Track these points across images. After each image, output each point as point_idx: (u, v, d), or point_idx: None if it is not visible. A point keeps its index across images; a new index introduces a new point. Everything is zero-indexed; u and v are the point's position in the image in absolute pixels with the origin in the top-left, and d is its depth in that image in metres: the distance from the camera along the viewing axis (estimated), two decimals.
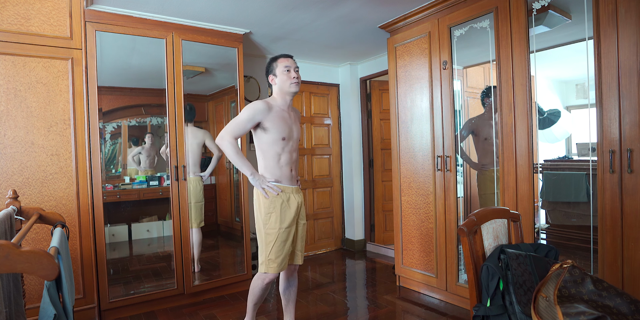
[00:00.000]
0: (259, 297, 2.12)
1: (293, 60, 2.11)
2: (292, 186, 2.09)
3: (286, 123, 2.06)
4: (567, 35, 2.06)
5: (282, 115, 2.06)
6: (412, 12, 2.72)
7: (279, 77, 2.07)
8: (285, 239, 2.03)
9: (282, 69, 2.06)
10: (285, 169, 2.07)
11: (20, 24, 2.23)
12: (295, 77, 2.06)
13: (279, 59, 2.10)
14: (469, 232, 1.38)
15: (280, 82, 2.07)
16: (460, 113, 2.58)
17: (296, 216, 2.08)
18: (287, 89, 2.06)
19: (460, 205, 2.59)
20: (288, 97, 2.10)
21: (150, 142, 2.88)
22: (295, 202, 2.07)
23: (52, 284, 1.04)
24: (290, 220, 2.04)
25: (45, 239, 2.28)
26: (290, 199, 2.07)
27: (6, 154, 2.21)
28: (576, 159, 2.17)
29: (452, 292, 2.63)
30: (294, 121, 2.13)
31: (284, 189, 2.06)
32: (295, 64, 2.10)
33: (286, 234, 2.04)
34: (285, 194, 2.06)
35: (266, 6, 2.57)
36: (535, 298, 1.23)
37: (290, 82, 2.05)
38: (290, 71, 2.06)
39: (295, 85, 2.06)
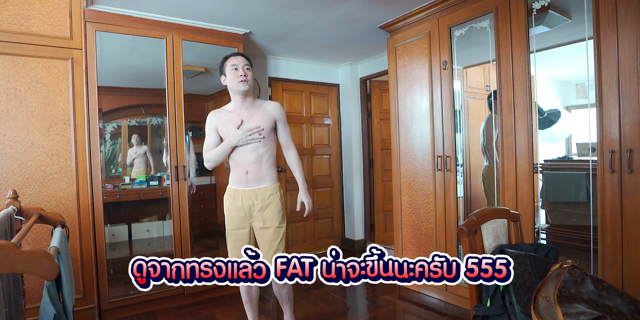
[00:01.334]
0: (243, 296, 2.13)
1: (243, 58, 2.01)
2: (242, 188, 2.01)
3: (232, 125, 1.98)
4: (567, 35, 2.06)
5: (229, 119, 2.01)
6: (412, 12, 2.72)
7: (228, 76, 2.00)
8: (234, 240, 2.04)
9: (230, 67, 1.98)
10: (238, 172, 2.02)
11: (20, 24, 2.23)
12: (242, 75, 1.95)
13: (228, 58, 2.02)
14: (469, 232, 1.38)
15: (229, 82, 2.00)
16: (460, 113, 2.58)
17: (247, 219, 2.02)
18: (235, 87, 1.97)
19: (460, 205, 2.59)
20: (238, 96, 2.02)
21: (136, 143, 2.87)
22: (240, 206, 2.00)
23: (52, 284, 1.04)
24: (237, 223, 2.02)
25: (45, 239, 2.28)
26: (237, 202, 2.01)
27: (6, 154, 2.21)
28: (576, 159, 2.17)
29: (452, 292, 2.63)
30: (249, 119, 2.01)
31: (234, 192, 2.03)
32: (244, 62, 2.00)
33: (233, 236, 2.04)
34: (232, 196, 2.03)
35: (266, 6, 2.57)
36: (535, 298, 1.23)
37: (238, 80, 1.96)
38: (237, 69, 1.97)
39: (243, 83, 1.95)
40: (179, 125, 2.72)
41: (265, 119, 2.03)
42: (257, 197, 2.01)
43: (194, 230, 2.83)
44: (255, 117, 2.02)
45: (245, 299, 2.13)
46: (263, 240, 2.03)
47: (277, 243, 2.03)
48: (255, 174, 2.01)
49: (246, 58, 2.03)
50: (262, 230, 2.02)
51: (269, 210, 2.01)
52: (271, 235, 2.02)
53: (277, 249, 2.02)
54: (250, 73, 1.99)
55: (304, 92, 4.11)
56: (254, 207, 2.01)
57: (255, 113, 2.03)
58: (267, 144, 2.03)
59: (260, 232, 2.03)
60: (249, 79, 1.97)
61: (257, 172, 2.01)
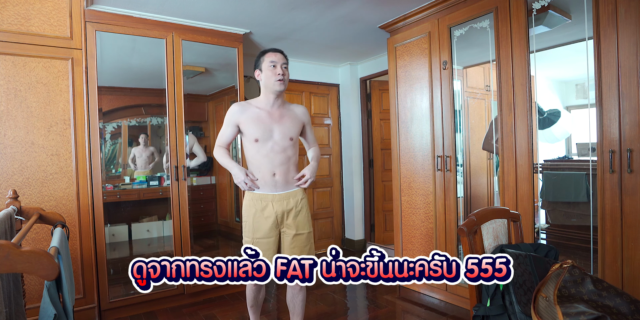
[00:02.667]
0: (249, 300, 2.06)
1: (282, 56, 1.91)
2: (272, 193, 1.89)
3: (262, 123, 1.88)
4: (567, 35, 2.06)
5: (257, 115, 1.90)
6: (412, 12, 2.72)
7: (264, 72, 1.89)
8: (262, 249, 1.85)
9: (268, 64, 1.87)
10: (264, 173, 1.88)
11: (20, 24, 2.23)
12: (280, 74, 1.85)
13: (267, 53, 1.90)
14: (469, 232, 1.38)
15: (265, 78, 1.89)
16: (460, 113, 2.58)
17: (278, 226, 1.91)
18: (270, 86, 1.88)
19: (460, 205, 2.59)
20: (271, 95, 1.92)
21: (143, 143, 2.88)
22: (272, 212, 1.88)
23: (52, 284, 1.04)
24: (266, 231, 1.89)
25: (46, 239, 2.28)
26: (267, 208, 1.88)
27: (6, 154, 2.21)
28: (576, 159, 2.17)
29: (452, 292, 2.63)
30: (279, 121, 1.92)
31: (261, 198, 1.88)
32: (284, 60, 1.90)
33: (260, 245, 1.90)
34: (261, 202, 1.89)
35: (266, 6, 2.57)
36: (535, 298, 1.23)
37: (275, 78, 1.85)
38: (276, 67, 1.86)
39: (280, 83, 1.86)
40: (179, 125, 2.72)
41: (295, 123, 1.98)
42: (290, 202, 1.91)
43: (194, 230, 2.83)
44: (285, 118, 1.94)
45: (252, 303, 2.07)
46: (296, 247, 1.93)
47: (308, 249, 1.95)
48: (284, 177, 1.90)
49: (285, 56, 1.93)
50: (296, 236, 1.93)
51: (301, 215, 1.93)
52: (304, 241, 1.94)
53: (309, 254, 1.92)
54: (287, 72, 1.90)
55: (304, 92, 4.11)
56: (287, 213, 1.90)
57: (285, 114, 1.95)
58: (295, 146, 1.98)
59: (294, 239, 1.93)
60: (286, 78, 1.88)
61: (285, 174, 1.91)
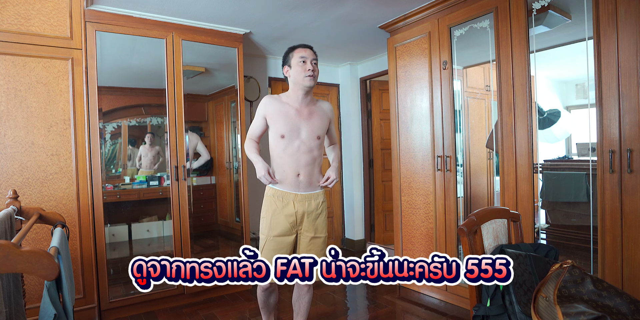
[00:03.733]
0: (260, 302, 2.03)
1: (312, 51, 1.90)
2: (294, 192, 1.86)
3: (290, 119, 1.86)
4: (567, 35, 2.06)
5: (285, 111, 1.88)
6: (412, 12, 2.72)
7: (294, 68, 1.87)
8: (274, 248, 1.86)
9: (298, 59, 1.86)
10: (289, 174, 1.86)
11: (20, 24, 2.23)
12: (310, 70, 1.84)
13: (296, 48, 1.90)
14: (469, 232, 1.38)
15: (294, 75, 1.88)
16: (460, 113, 2.58)
17: (296, 226, 1.88)
18: (300, 82, 1.86)
19: (460, 205, 2.59)
20: (300, 91, 1.89)
21: (149, 142, 2.88)
22: (292, 211, 1.85)
23: (52, 284, 1.04)
24: (282, 230, 1.86)
25: (46, 239, 2.28)
26: (288, 206, 1.86)
27: (6, 154, 2.21)
28: (576, 159, 2.18)
29: (452, 292, 2.63)
30: (308, 119, 1.90)
31: (283, 195, 1.86)
32: (313, 56, 1.89)
33: (275, 243, 1.86)
34: (282, 200, 1.86)
35: (266, 6, 2.57)
36: (535, 298, 1.23)
37: (305, 74, 1.84)
38: (306, 62, 1.85)
39: (310, 79, 1.84)
40: (179, 125, 2.72)
41: (323, 120, 1.95)
42: (311, 203, 1.88)
43: (194, 230, 2.83)
44: (314, 115, 1.92)
45: (262, 306, 2.04)
46: (312, 250, 1.89)
47: (322, 253, 1.90)
48: (308, 178, 1.88)
49: (314, 52, 1.92)
50: (313, 239, 1.89)
51: (321, 218, 1.90)
52: (321, 245, 1.91)
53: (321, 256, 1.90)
54: (317, 68, 1.89)
55: None
56: (307, 214, 1.88)
57: (314, 111, 1.93)
58: (322, 146, 1.95)
59: (311, 242, 1.89)
60: (316, 74, 1.87)
61: (310, 175, 1.88)
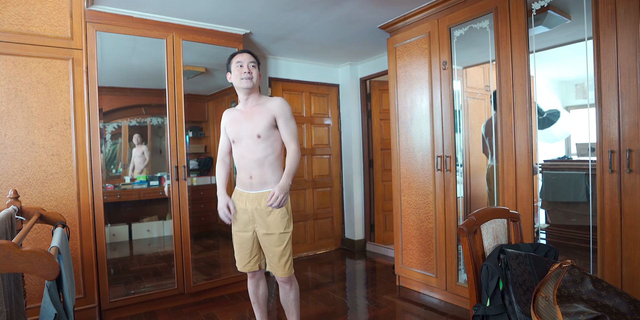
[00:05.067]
0: (250, 296, 2.14)
1: (249, 55, 1.97)
2: (247, 191, 1.97)
3: (236, 123, 1.98)
4: (567, 35, 2.06)
5: (234, 117, 2.01)
6: (412, 13, 2.73)
7: (233, 73, 1.96)
8: (237, 241, 2.03)
9: (235, 64, 1.95)
10: (242, 174, 1.97)
11: (21, 25, 2.24)
12: (246, 72, 1.91)
13: (235, 55, 1.99)
14: (469, 232, 1.38)
15: (234, 79, 1.97)
16: (460, 113, 2.58)
17: (250, 224, 1.98)
18: (238, 84, 1.94)
19: (460, 205, 2.59)
20: (241, 94, 1.98)
21: (137, 143, 2.88)
22: (243, 209, 1.97)
23: (52, 284, 1.04)
24: (240, 226, 2.00)
25: (46, 239, 2.28)
26: (242, 204, 1.98)
27: (7, 154, 2.22)
28: (576, 159, 2.18)
29: (452, 292, 2.63)
30: (249, 119, 1.95)
31: (240, 194, 2.00)
32: (250, 59, 1.95)
33: (237, 237, 2.03)
34: (239, 198, 2.00)
35: (266, 6, 2.57)
36: (534, 298, 1.24)
37: (241, 77, 1.91)
38: (242, 66, 1.93)
39: (246, 80, 1.91)
40: (179, 126, 2.73)
41: (264, 117, 1.92)
42: (261, 201, 1.93)
43: (194, 230, 2.83)
44: (255, 115, 1.95)
45: (253, 300, 2.13)
46: (267, 247, 1.96)
47: (281, 249, 1.95)
48: (259, 179, 1.94)
49: (252, 55, 1.98)
50: (266, 236, 1.95)
51: (272, 215, 1.93)
52: (275, 242, 1.94)
53: (283, 255, 1.95)
54: (255, 70, 1.95)
55: (304, 92, 4.11)
56: (257, 212, 1.94)
57: (256, 111, 1.96)
58: (267, 145, 1.93)
59: (264, 238, 1.96)
60: (253, 75, 1.93)
61: (261, 176, 1.94)
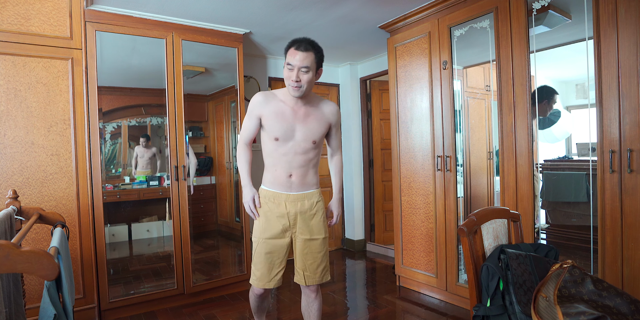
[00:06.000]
0: (253, 308, 1.97)
1: (304, 55, 1.61)
2: (286, 193, 1.77)
3: (285, 121, 1.72)
4: (567, 35, 2.06)
5: (281, 111, 1.72)
6: (412, 12, 2.72)
7: (284, 70, 1.69)
8: (267, 251, 1.77)
9: (286, 64, 1.67)
10: (280, 174, 1.77)
11: (20, 24, 2.23)
12: (294, 80, 1.63)
13: (290, 48, 1.66)
14: (469, 232, 1.38)
15: (284, 76, 1.69)
16: (460, 113, 2.58)
17: (289, 229, 1.78)
18: (286, 88, 1.72)
19: (460, 205, 2.59)
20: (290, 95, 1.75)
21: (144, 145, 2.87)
22: (284, 212, 1.76)
23: (52, 284, 1.04)
24: (275, 232, 1.76)
25: (45, 239, 2.28)
26: (280, 207, 1.77)
27: (6, 154, 2.21)
28: (576, 159, 2.17)
29: (452, 292, 2.63)
30: (304, 121, 1.75)
31: (275, 196, 1.78)
32: (303, 63, 1.62)
33: (268, 246, 1.77)
34: (274, 200, 1.78)
35: (266, 6, 2.57)
36: (535, 298, 1.23)
37: (288, 83, 1.66)
38: (292, 71, 1.63)
39: (294, 89, 1.66)
40: (179, 125, 2.72)
41: (322, 124, 1.79)
42: (304, 203, 1.79)
43: (194, 230, 2.83)
44: (311, 118, 1.76)
45: (255, 310, 1.98)
46: (309, 253, 1.80)
47: (322, 255, 1.82)
48: (301, 179, 1.78)
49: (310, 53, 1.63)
50: (309, 241, 1.79)
51: (316, 219, 1.80)
52: (318, 247, 1.80)
53: (322, 261, 1.82)
54: (307, 76, 1.64)
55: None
56: (300, 216, 1.78)
57: (312, 113, 1.76)
58: (318, 148, 1.83)
59: (307, 244, 1.79)
60: (303, 84, 1.64)
61: (303, 176, 1.79)
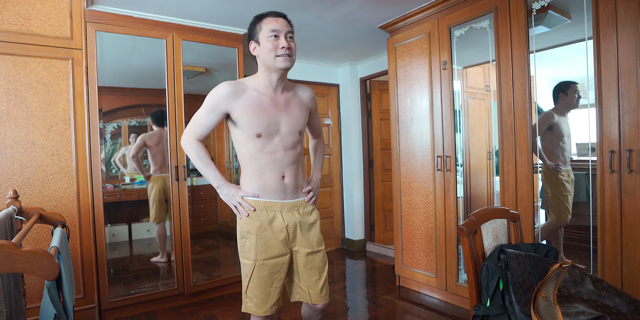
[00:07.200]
0: None
1: (286, 22, 1.43)
2: (280, 201, 1.48)
3: (265, 113, 1.43)
4: (567, 35, 2.06)
5: (258, 102, 1.44)
6: (412, 12, 2.73)
7: (263, 45, 1.41)
8: (265, 274, 1.46)
9: (268, 33, 1.39)
10: (270, 177, 1.47)
11: (20, 24, 2.24)
12: (284, 47, 1.38)
13: (264, 18, 1.42)
14: (469, 232, 1.38)
15: (262, 52, 1.41)
16: (460, 113, 2.58)
17: (289, 243, 1.50)
18: (271, 63, 1.41)
19: (460, 205, 2.59)
20: (275, 75, 1.45)
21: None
22: (282, 225, 1.47)
23: (52, 284, 1.04)
24: (274, 250, 1.46)
25: (46, 239, 2.28)
26: (276, 219, 1.47)
27: (7, 154, 2.22)
28: (576, 159, 2.17)
29: (452, 292, 2.63)
30: (286, 110, 1.49)
31: (267, 206, 1.47)
32: (288, 27, 1.42)
33: (267, 267, 1.46)
34: (268, 212, 1.47)
35: (266, 6, 2.57)
36: (534, 298, 1.24)
37: (276, 53, 1.39)
38: (279, 37, 1.39)
39: (285, 58, 1.39)
40: (179, 126, 2.73)
41: (303, 111, 1.54)
42: (301, 212, 1.52)
43: (194, 230, 2.83)
44: (291, 106, 1.50)
45: None
46: (313, 268, 1.54)
47: (326, 269, 1.57)
48: (294, 180, 1.51)
49: (289, 21, 1.45)
50: (311, 256, 1.52)
51: (315, 229, 1.55)
52: (320, 261, 1.55)
53: (324, 276, 1.56)
54: (293, 44, 1.43)
55: None
56: (299, 227, 1.51)
57: (291, 100, 1.51)
58: (303, 140, 1.56)
59: (308, 259, 1.52)
60: (293, 52, 1.42)
61: (295, 176, 1.52)
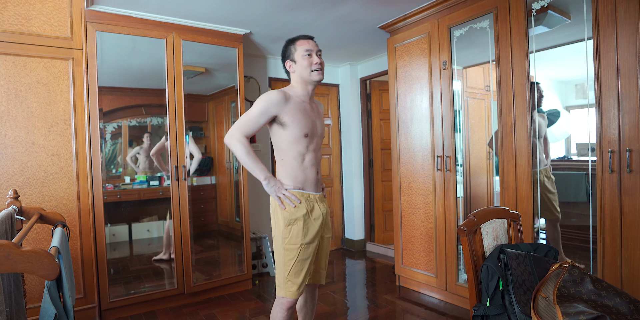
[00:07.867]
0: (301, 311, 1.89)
1: (314, 43, 1.78)
2: (316, 193, 1.77)
3: (308, 116, 1.74)
4: (567, 35, 2.06)
5: (302, 107, 1.74)
6: (412, 13, 2.73)
7: (299, 63, 1.74)
8: (307, 256, 1.71)
9: (302, 53, 1.73)
10: (310, 172, 1.76)
11: (21, 25, 2.24)
12: (318, 63, 1.73)
13: (297, 41, 1.77)
14: (469, 232, 1.38)
15: (300, 69, 1.75)
16: (460, 113, 2.58)
17: (321, 229, 1.76)
18: (307, 77, 1.74)
19: (460, 205, 2.59)
20: (310, 86, 1.78)
21: (148, 143, 2.88)
22: (320, 213, 1.75)
23: (52, 284, 1.04)
24: (314, 235, 1.72)
25: (46, 239, 2.28)
26: (315, 209, 1.75)
27: (7, 154, 2.22)
28: (576, 159, 2.18)
29: (452, 292, 2.63)
30: (317, 115, 1.83)
31: (308, 197, 1.74)
32: (317, 47, 1.77)
33: (308, 250, 1.71)
34: (309, 203, 1.74)
35: (266, 6, 2.57)
36: (534, 298, 1.24)
37: (312, 68, 1.73)
38: (312, 56, 1.73)
39: (318, 73, 1.74)
40: (179, 125, 2.73)
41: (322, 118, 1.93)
42: (325, 201, 1.83)
43: (194, 230, 2.83)
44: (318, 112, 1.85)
45: None
46: (326, 251, 1.86)
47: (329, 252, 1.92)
48: (320, 176, 1.84)
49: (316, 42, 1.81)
50: (328, 239, 1.84)
51: (329, 218, 1.87)
52: (329, 245, 1.89)
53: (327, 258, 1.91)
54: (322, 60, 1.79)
55: None
56: (327, 215, 1.82)
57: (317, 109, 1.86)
58: None
59: (326, 242, 1.84)
60: (323, 67, 1.77)
61: (320, 173, 1.85)
